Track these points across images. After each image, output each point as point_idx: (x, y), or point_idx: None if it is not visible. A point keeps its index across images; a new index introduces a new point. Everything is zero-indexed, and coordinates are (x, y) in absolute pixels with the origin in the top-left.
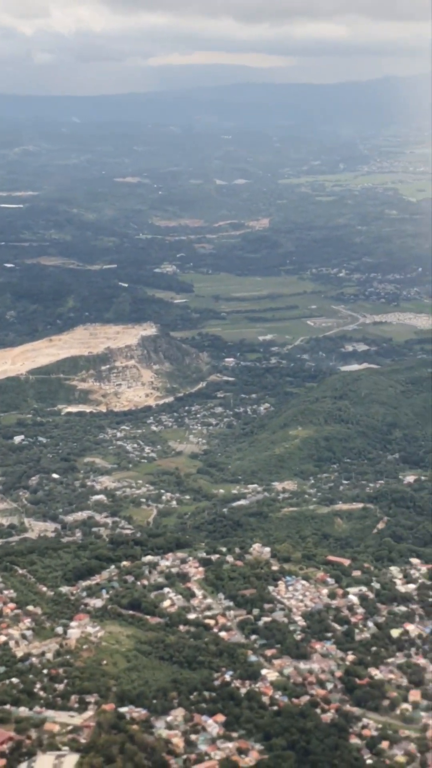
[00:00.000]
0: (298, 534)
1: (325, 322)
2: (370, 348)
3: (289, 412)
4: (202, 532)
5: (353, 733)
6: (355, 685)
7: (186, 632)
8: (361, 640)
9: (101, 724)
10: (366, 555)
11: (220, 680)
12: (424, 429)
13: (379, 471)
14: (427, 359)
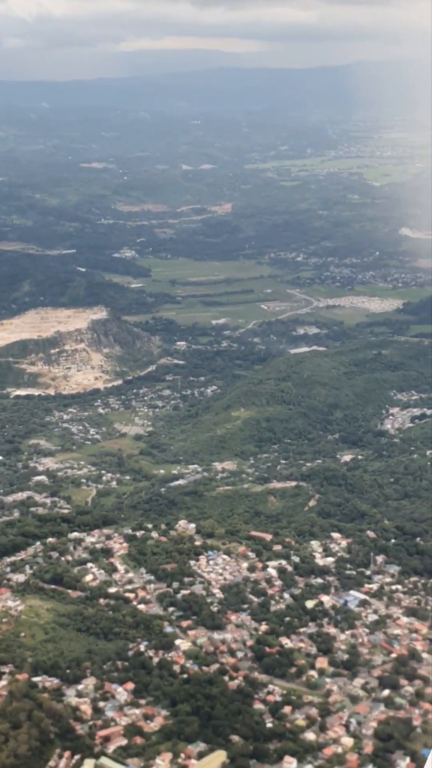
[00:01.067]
0: (231, 511)
1: (279, 306)
2: (321, 331)
3: (232, 394)
4: (138, 510)
5: (258, 699)
6: (264, 653)
7: (105, 605)
8: (275, 611)
9: (13, 692)
10: (289, 530)
11: (134, 650)
12: (364, 409)
13: (317, 451)
14: (373, 341)
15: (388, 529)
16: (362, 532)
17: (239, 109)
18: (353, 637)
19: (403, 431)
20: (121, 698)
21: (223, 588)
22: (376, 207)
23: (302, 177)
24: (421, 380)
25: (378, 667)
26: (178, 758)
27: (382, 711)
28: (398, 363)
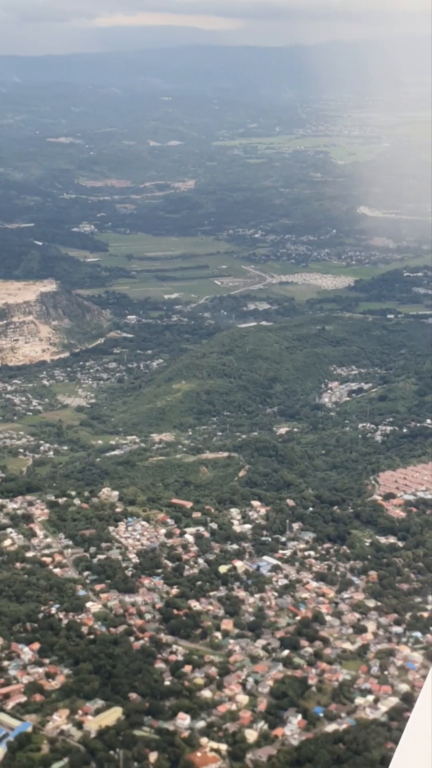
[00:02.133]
0: (162, 481)
1: (232, 282)
2: (271, 307)
3: (174, 366)
4: (71, 480)
5: (160, 659)
6: (172, 615)
7: (21, 569)
8: (188, 576)
9: None
10: (210, 498)
11: (44, 612)
12: (303, 383)
13: (255, 423)
14: (317, 317)
15: (308, 497)
16: (282, 500)
17: (211, 86)
18: (261, 600)
19: (340, 405)
20: (26, 658)
21: (139, 553)
22: (337, 185)
23: (268, 155)
24: (361, 355)
25: (282, 629)
26: (75, 714)
27: (279, 670)
28: (341, 338)
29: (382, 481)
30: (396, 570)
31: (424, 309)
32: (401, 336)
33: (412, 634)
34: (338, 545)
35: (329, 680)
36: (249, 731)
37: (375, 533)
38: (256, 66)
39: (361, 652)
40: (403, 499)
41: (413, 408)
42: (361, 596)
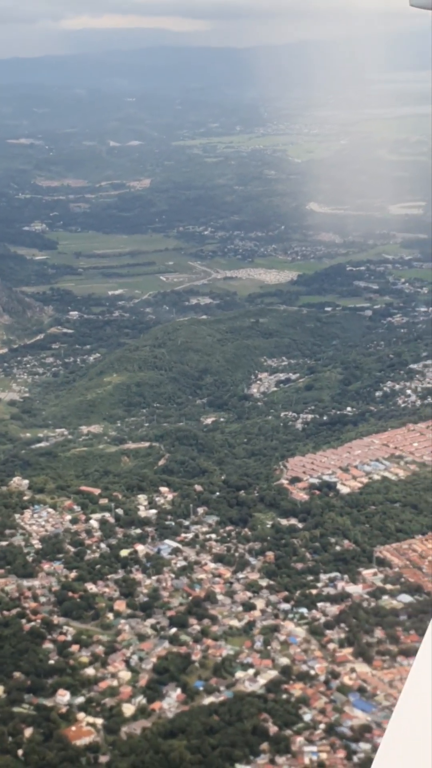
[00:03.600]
0: (82, 471)
1: (177, 278)
2: (213, 302)
3: (107, 360)
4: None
5: (49, 640)
6: (66, 597)
7: None
8: (89, 560)
9: None
10: (119, 485)
11: None
12: (233, 374)
13: (183, 414)
14: (252, 310)
15: (215, 483)
16: (190, 486)
17: (176, 86)
18: (158, 582)
19: (268, 395)
20: None
21: (42, 539)
22: (290, 182)
23: (226, 153)
24: (292, 347)
25: (173, 609)
26: None
27: (165, 647)
28: (274, 330)
29: (291, 466)
30: (292, 550)
31: (362, 302)
32: (335, 328)
33: (298, 611)
34: (240, 528)
35: (213, 655)
36: (126, 705)
37: (277, 515)
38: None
39: (247, 629)
40: (308, 483)
41: (336, 396)
42: (256, 576)
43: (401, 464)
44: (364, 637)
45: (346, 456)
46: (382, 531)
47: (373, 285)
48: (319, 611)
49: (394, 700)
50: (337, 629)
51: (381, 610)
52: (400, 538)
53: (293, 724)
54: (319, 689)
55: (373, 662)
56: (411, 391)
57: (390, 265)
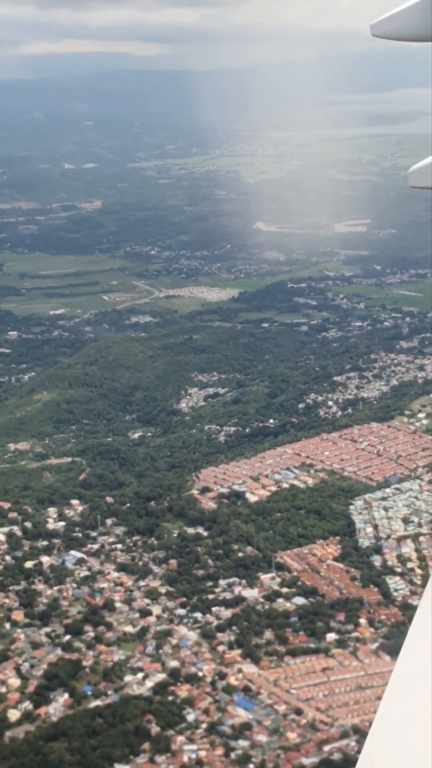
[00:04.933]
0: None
1: (120, 297)
2: (153, 320)
3: (38, 378)
4: None
5: None
6: None
7: None
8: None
9: None
10: (30, 499)
11: None
12: (163, 390)
13: (111, 429)
14: (186, 327)
15: (126, 494)
16: (101, 498)
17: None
18: (59, 591)
19: (196, 409)
20: None
21: None
22: (239, 202)
23: (180, 175)
24: (224, 362)
25: (71, 617)
26: None
27: (57, 654)
28: (207, 347)
29: (203, 477)
30: (195, 558)
31: (300, 317)
32: (269, 343)
33: (193, 615)
34: (147, 537)
35: (104, 661)
36: (12, 711)
37: (184, 525)
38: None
39: (141, 634)
40: (217, 493)
41: (261, 409)
42: (157, 583)
43: (311, 472)
44: (253, 639)
45: (258, 466)
46: (284, 537)
47: (312, 301)
48: (213, 615)
49: (277, 698)
50: (228, 632)
51: (273, 613)
52: (301, 543)
53: (176, 724)
54: (205, 690)
55: (261, 663)
56: (333, 402)
57: (330, 281)
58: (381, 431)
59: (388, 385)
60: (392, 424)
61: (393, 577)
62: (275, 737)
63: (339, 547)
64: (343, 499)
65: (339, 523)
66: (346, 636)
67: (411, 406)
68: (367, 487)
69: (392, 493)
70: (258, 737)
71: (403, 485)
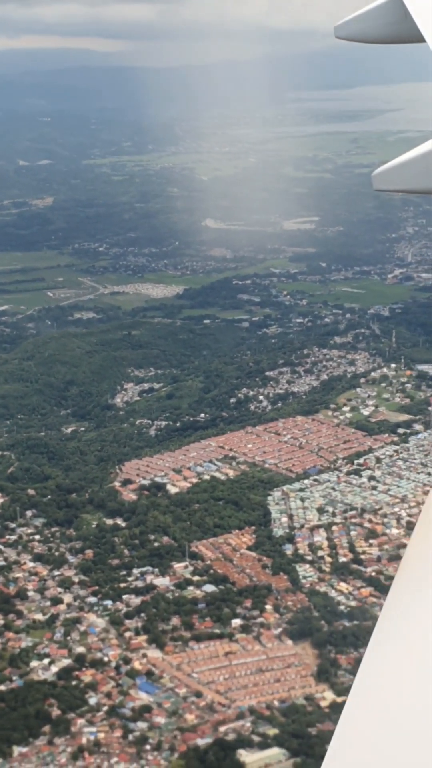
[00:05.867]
0: None
1: (65, 293)
2: (96, 316)
3: None
4: None
5: None
6: None
7: None
8: None
9: None
10: None
11: None
12: (99, 385)
13: (45, 424)
14: (125, 323)
15: (48, 487)
16: (23, 491)
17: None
18: None
19: (130, 404)
20: None
21: None
22: (190, 200)
23: (134, 172)
24: (161, 357)
25: None
26: None
27: None
28: (145, 342)
29: (126, 469)
30: (111, 548)
31: (243, 314)
32: (208, 339)
33: (103, 603)
34: (65, 528)
35: (12, 647)
36: None
37: (104, 516)
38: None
39: (50, 621)
40: (139, 484)
41: (193, 404)
42: (72, 572)
43: (233, 465)
44: (160, 625)
45: (181, 458)
46: (201, 527)
47: (256, 298)
48: (123, 603)
49: (179, 681)
50: (136, 619)
51: (181, 600)
52: (217, 533)
53: (78, 707)
54: (109, 674)
55: (166, 648)
56: (263, 397)
57: (275, 278)
58: (305, 424)
59: (318, 379)
60: (317, 418)
61: (303, 565)
62: (173, 719)
63: (253, 537)
64: (262, 490)
65: (255, 513)
66: (251, 622)
67: (337, 400)
68: (286, 479)
69: (310, 484)
70: (157, 719)
71: (322, 477)
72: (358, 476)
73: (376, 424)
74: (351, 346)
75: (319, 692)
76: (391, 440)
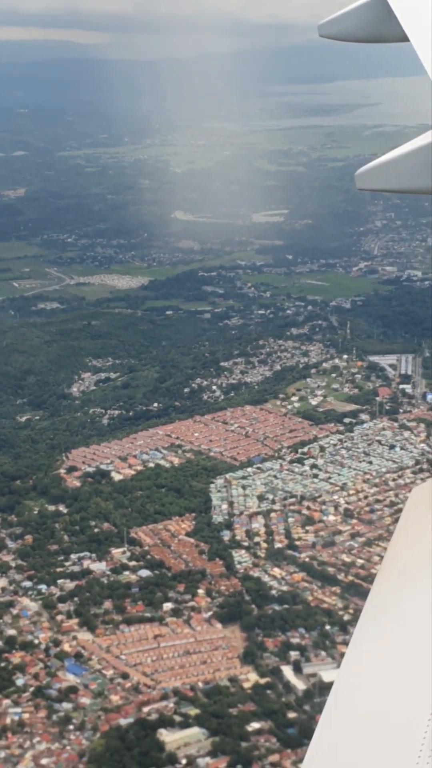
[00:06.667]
0: None
1: (31, 284)
2: (60, 306)
3: None
4: None
5: None
6: None
7: None
8: None
9: None
10: None
11: None
12: (56, 375)
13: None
14: (86, 312)
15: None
16: None
17: (72, 99)
18: None
19: (86, 393)
20: None
21: None
22: (162, 192)
23: (109, 164)
24: (120, 348)
25: None
26: None
27: None
28: (105, 332)
29: (73, 457)
30: (51, 533)
31: (206, 305)
32: (168, 330)
33: (38, 587)
34: (7, 514)
35: None
36: None
37: (46, 502)
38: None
39: None
40: (83, 472)
41: (147, 393)
42: (9, 557)
43: (179, 453)
44: (92, 609)
45: (128, 446)
46: (141, 513)
47: (220, 290)
48: (57, 587)
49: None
50: (69, 602)
51: (115, 584)
52: (157, 519)
53: (5, 688)
54: (39, 656)
55: (96, 631)
56: (216, 387)
57: (241, 270)
58: (253, 414)
59: (272, 370)
60: (265, 407)
61: (239, 551)
62: (99, 700)
63: (193, 523)
64: (205, 478)
65: (197, 500)
66: (183, 606)
67: (286, 390)
68: (230, 467)
69: (253, 472)
70: (82, 700)
71: (265, 465)
72: (301, 465)
73: (323, 413)
74: (307, 338)
75: (243, 674)
76: (337, 429)
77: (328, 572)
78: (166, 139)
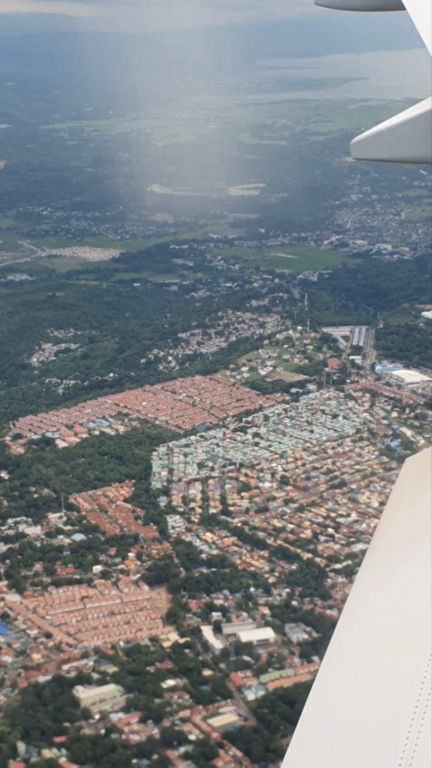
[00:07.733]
0: None
1: (2, 256)
2: (30, 278)
3: None
4: None
5: None
6: None
7: None
8: None
9: None
10: None
11: None
12: (17, 345)
13: None
14: (51, 284)
15: None
16: None
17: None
18: None
19: (45, 364)
20: None
21: None
22: (141, 165)
23: (91, 137)
24: (83, 319)
25: None
26: None
27: None
28: (69, 304)
29: (20, 425)
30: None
31: (174, 278)
32: (133, 302)
33: None
34: None
35: None
36: None
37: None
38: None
39: None
40: (28, 439)
41: (105, 364)
42: None
43: (125, 421)
44: (22, 571)
45: (76, 414)
46: (81, 480)
47: (190, 263)
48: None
49: (32, 623)
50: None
51: (48, 547)
52: (97, 486)
53: None
54: None
55: (25, 592)
56: (172, 357)
57: (213, 243)
58: (202, 384)
59: (227, 341)
60: (214, 377)
61: (173, 516)
62: (20, 658)
63: (131, 490)
64: (148, 446)
65: (137, 467)
66: (112, 568)
67: (237, 360)
68: (174, 435)
69: (196, 440)
70: (4, 658)
71: (209, 433)
72: (244, 433)
73: (271, 383)
74: (265, 309)
75: (164, 634)
76: (283, 399)
77: (258, 536)
78: (150, 112)
